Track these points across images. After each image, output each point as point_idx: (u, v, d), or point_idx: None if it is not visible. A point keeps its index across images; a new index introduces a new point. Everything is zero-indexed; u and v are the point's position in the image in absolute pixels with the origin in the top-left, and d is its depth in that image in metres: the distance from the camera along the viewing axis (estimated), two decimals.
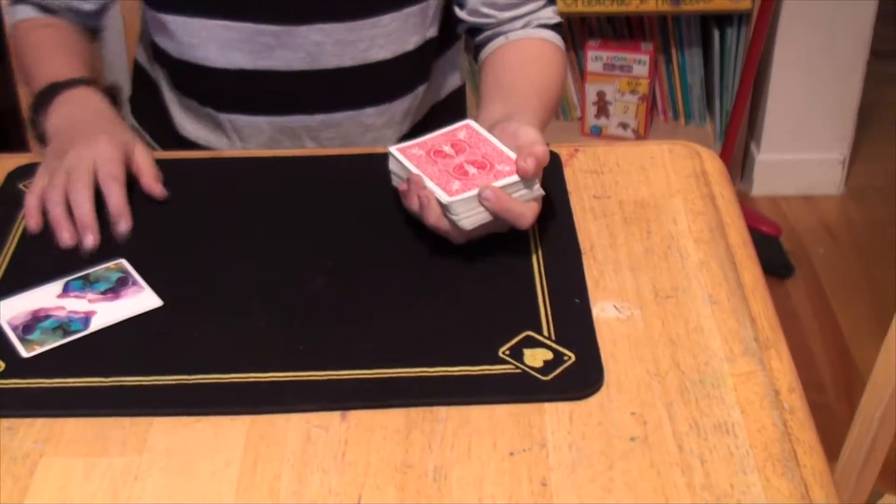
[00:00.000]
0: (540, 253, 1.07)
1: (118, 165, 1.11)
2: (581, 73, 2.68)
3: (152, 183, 1.14)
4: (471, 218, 1.03)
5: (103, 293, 1.03)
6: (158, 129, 1.40)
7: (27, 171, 1.20)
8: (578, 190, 1.17)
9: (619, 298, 1.03)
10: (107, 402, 0.93)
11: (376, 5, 1.24)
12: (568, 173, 1.19)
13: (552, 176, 1.17)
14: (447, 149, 1.09)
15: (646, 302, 1.03)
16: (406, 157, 1.08)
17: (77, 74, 1.23)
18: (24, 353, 0.98)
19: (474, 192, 1.03)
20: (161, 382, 0.95)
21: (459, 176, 1.05)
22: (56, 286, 1.04)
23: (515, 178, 1.04)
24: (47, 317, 1.00)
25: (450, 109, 1.42)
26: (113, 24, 1.46)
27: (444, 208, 1.03)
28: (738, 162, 2.70)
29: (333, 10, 1.23)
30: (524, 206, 1.03)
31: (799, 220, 2.67)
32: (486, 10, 1.29)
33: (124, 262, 1.07)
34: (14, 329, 0.99)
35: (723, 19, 2.59)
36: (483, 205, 1.02)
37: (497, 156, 1.07)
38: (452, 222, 1.04)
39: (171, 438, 0.91)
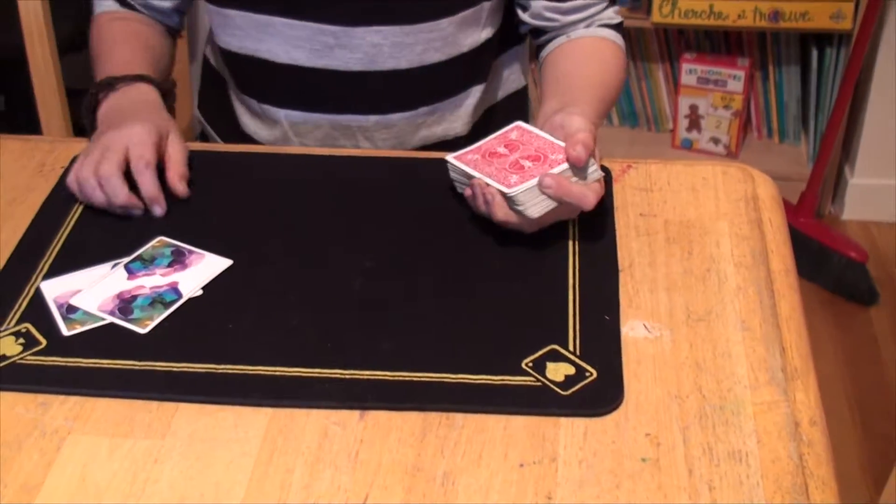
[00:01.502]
0: (577, 267, 1.08)
1: (150, 149, 1.15)
2: (675, 86, 2.67)
3: (175, 179, 1.17)
4: (536, 206, 1.06)
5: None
6: (222, 124, 1.43)
7: None
8: (625, 206, 1.17)
9: (650, 318, 1.03)
10: (137, 386, 0.96)
11: (433, 10, 1.26)
12: (617, 188, 1.19)
13: None
14: (501, 149, 1.12)
15: (677, 323, 1.03)
16: (463, 163, 1.11)
17: (137, 70, 1.27)
18: (66, 331, 1.01)
19: (534, 181, 1.06)
20: (190, 369, 0.97)
21: (516, 171, 1.08)
22: (119, 271, 1.08)
23: (565, 165, 1.07)
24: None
25: (510, 110, 1.43)
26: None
27: (510, 201, 1.07)
28: (829, 185, 2.65)
29: (391, 13, 1.25)
30: (585, 188, 1.06)
31: (889, 246, 2.61)
32: (549, 14, 1.29)
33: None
34: (59, 307, 1.03)
35: (822, 38, 2.55)
36: (544, 192, 1.05)
37: (549, 148, 1.10)
38: (519, 213, 1.07)
39: (194, 425, 0.94)
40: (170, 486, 0.89)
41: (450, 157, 1.14)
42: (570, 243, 1.10)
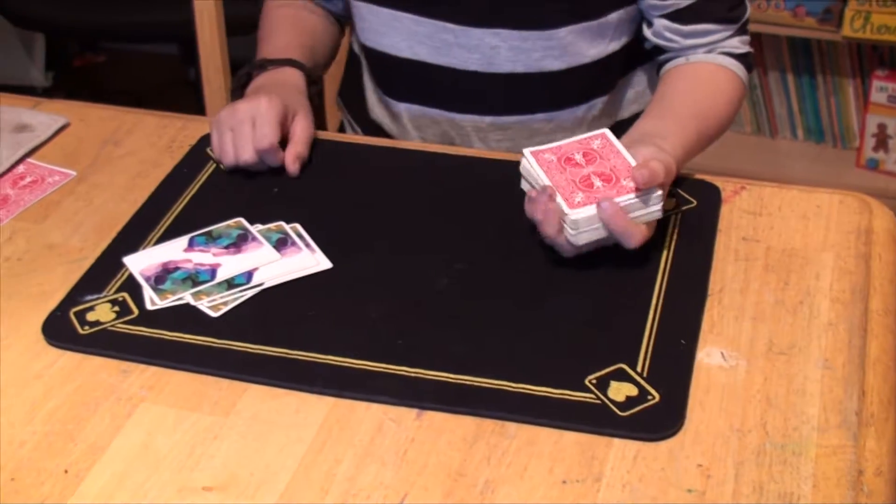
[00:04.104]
0: (664, 287, 1.06)
1: (272, 128, 1.19)
2: (864, 103, 2.57)
3: (291, 157, 1.22)
4: (586, 234, 1.05)
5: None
6: (356, 111, 1.46)
7: None
8: (730, 229, 1.14)
9: (729, 346, 1.01)
10: (212, 362, 1.00)
11: (550, 18, 1.25)
12: (725, 210, 1.16)
13: (706, 210, 1.15)
14: (578, 157, 1.10)
15: (756, 354, 1.00)
16: (538, 162, 1.09)
17: (290, 55, 1.32)
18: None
19: (594, 209, 1.04)
20: (264, 352, 1.01)
21: (585, 188, 1.06)
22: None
23: (634, 195, 1.04)
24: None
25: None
26: None
27: (564, 220, 1.05)
28: None
29: (509, 17, 1.25)
30: (633, 227, 1.04)
31: None
32: (669, 34, 1.27)
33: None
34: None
35: None
36: (600, 216, 1.04)
37: (624, 169, 1.07)
38: (569, 235, 1.05)
39: (258, 406, 0.97)
40: (222, 463, 0.92)
41: (526, 152, 1.11)
42: (663, 262, 1.09)
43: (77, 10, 2.58)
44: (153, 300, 1.06)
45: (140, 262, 1.10)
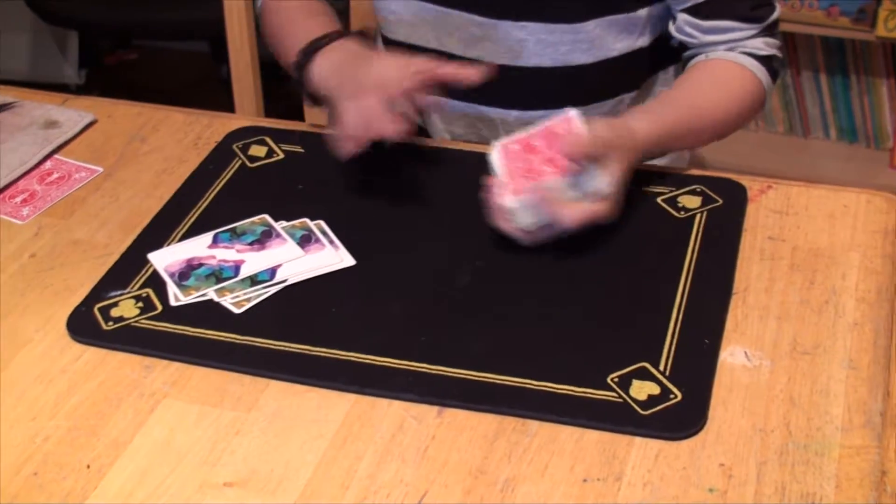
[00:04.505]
0: (688, 285, 1.05)
1: (383, 122, 1.13)
2: None
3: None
4: (525, 219, 1.07)
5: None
6: None
7: (244, 135, 1.29)
8: (755, 228, 1.13)
9: (753, 346, 1.00)
10: (234, 358, 1.01)
11: (577, 11, 1.25)
12: (751, 209, 1.15)
13: (732, 209, 1.14)
14: (539, 143, 1.10)
15: (780, 354, 0.99)
16: (504, 153, 1.10)
17: (331, 30, 1.29)
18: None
19: (528, 197, 1.05)
20: (286, 348, 1.01)
21: (536, 175, 1.07)
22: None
23: (560, 179, 1.06)
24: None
25: None
26: None
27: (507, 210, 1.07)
28: None
29: (536, 10, 1.25)
30: (564, 207, 1.05)
31: None
32: (689, 29, 1.26)
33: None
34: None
35: None
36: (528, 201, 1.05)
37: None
38: (514, 222, 1.07)
39: (280, 402, 0.97)
40: (244, 458, 0.92)
41: (497, 144, 1.11)
42: (687, 260, 1.08)
43: (110, 8, 2.60)
44: (177, 296, 1.06)
45: (164, 259, 1.11)
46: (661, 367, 0.97)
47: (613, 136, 1.09)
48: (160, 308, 1.06)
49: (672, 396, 0.94)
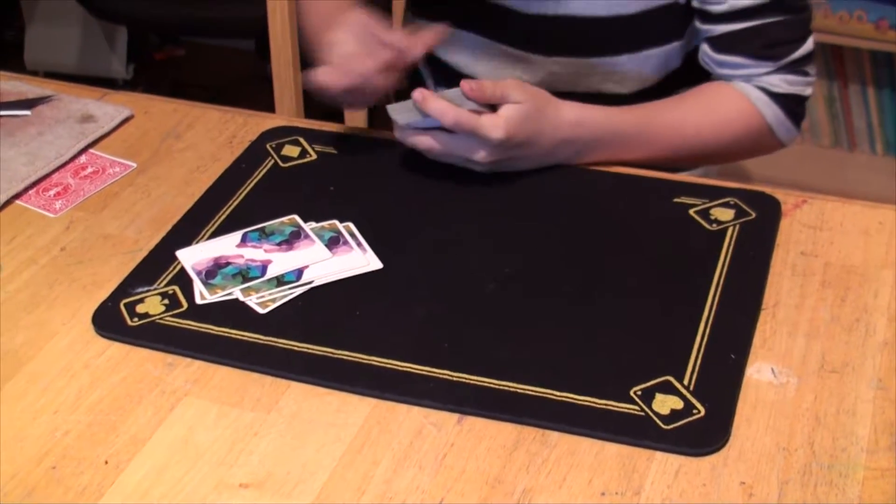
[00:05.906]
0: (716, 299, 1.04)
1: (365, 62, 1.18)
2: None
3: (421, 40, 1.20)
4: (403, 115, 1.16)
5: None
6: None
7: (278, 134, 1.30)
8: (788, 243, 1.11)
9: (780, 363, 0.99)
10: (256, 359, 1.00)
11: (611, 46, 1.25)
12: (784, 224, 1.14)
13: (765, 223, 1.13)
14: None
15: (807, 372, 0.97)
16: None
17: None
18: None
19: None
20: (308, 350, 1.00)
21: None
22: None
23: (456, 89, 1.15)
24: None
25: None
26: None
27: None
28: None
29: (569, 46, 1.25)
30: (446, 104, 1.12)
31: None
32: (706, 59, 1.26)
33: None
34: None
35: None
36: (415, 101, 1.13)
37: None
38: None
39: (300, 404, 0.97)
40: (260, 460, 0.92)
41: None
42: (717, 273, 1.07)
43: (158, 4, 2.62)
44: (202, 294, 1.07)
45: (192, 256, 1.11)
46: (686, 382, 0.96)
47: (521, 94, 1.12)
48: (185, 306, 1.06)
49: (695, 412, 0.93)
